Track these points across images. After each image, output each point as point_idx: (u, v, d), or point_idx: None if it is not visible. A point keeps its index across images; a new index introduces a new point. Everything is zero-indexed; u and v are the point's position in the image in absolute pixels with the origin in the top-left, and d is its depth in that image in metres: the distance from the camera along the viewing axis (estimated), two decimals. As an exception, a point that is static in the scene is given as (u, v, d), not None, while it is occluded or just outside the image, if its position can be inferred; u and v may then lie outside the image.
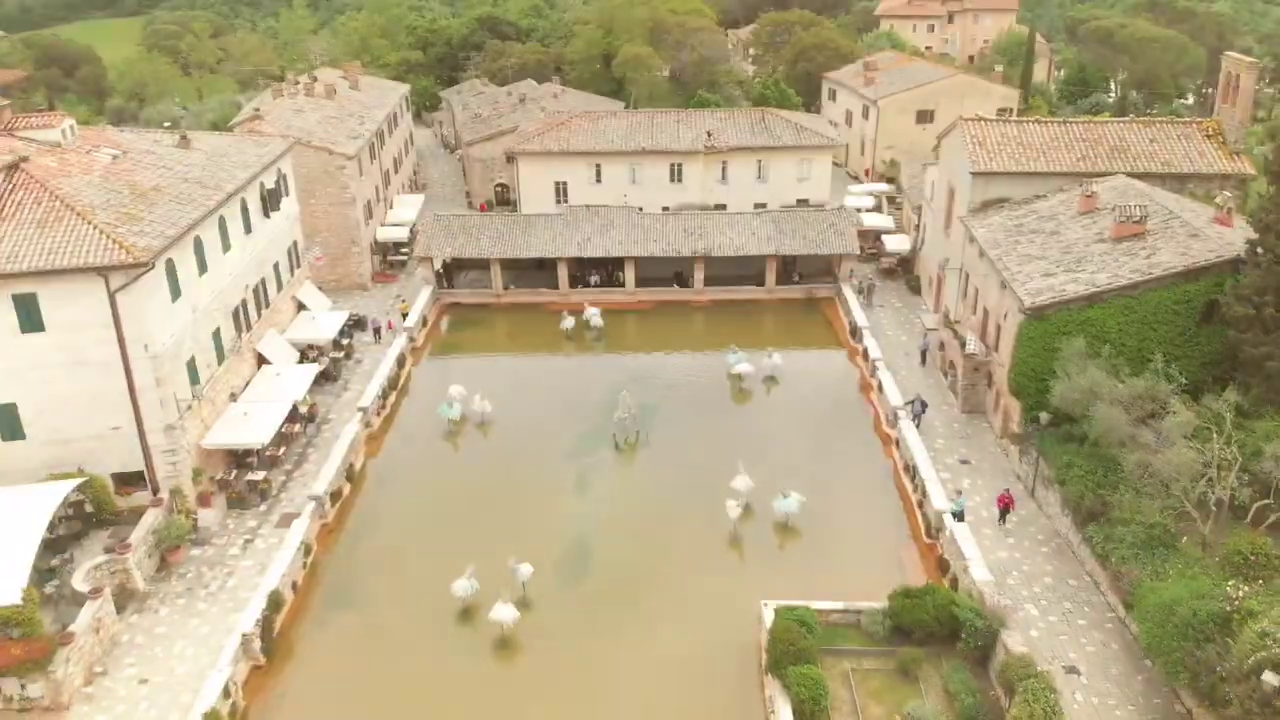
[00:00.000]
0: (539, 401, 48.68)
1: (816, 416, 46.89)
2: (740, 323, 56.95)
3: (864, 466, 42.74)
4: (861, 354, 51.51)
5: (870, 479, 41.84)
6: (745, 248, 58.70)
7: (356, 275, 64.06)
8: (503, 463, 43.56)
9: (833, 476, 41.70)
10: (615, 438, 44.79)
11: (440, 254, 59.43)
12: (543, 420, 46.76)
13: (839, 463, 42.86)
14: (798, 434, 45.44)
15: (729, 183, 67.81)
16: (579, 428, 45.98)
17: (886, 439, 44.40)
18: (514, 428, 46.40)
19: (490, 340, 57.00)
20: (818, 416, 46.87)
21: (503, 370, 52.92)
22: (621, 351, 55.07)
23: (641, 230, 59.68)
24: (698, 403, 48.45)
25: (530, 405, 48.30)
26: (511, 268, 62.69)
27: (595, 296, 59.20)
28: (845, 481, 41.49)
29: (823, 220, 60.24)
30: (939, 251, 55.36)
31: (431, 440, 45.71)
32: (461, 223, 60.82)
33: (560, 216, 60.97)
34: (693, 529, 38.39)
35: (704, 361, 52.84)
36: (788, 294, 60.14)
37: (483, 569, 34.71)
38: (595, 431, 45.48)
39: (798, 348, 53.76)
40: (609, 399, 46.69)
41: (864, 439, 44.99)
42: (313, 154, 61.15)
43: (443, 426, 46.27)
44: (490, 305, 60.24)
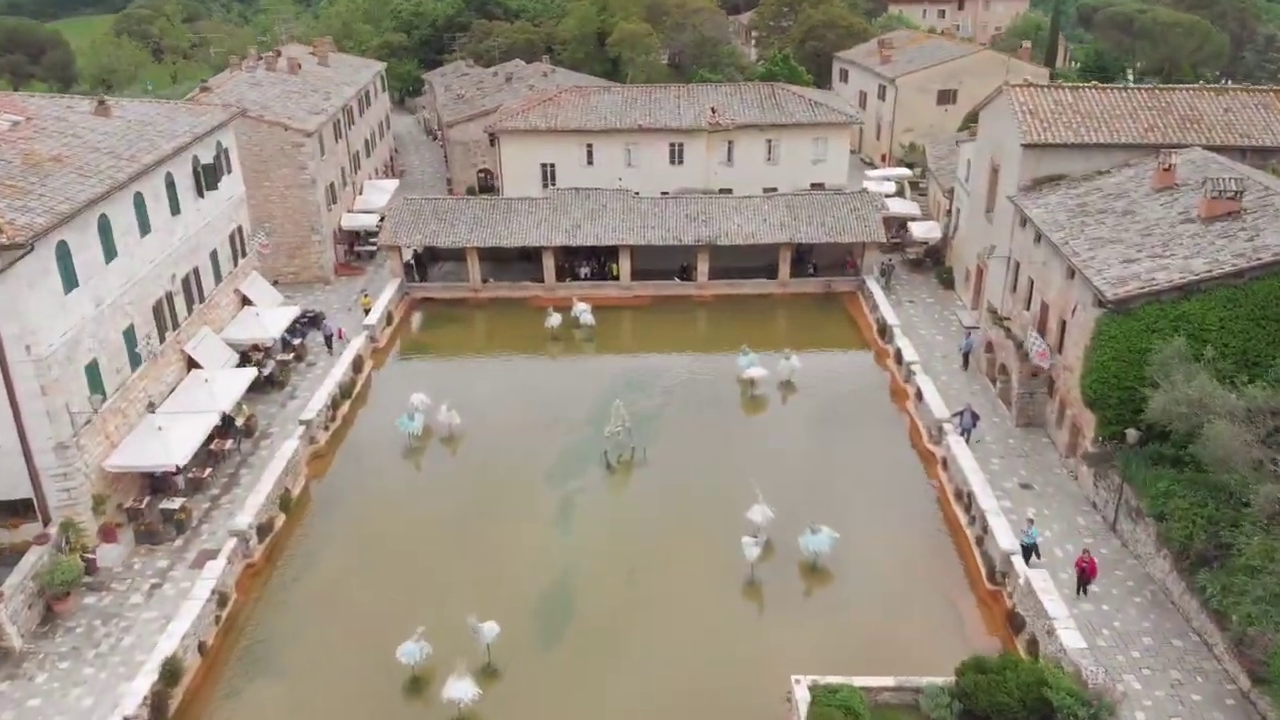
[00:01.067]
0: (518, 412, 41.56)
1: (844, 430, 39.78)
2: (750, 320, 49.88)
3: (905, 492, 35.63)
4: (893, 357, 44.43)
5: (914, 508, 34.73)
6: (756, 235, 51.64)
7: (317, 267, 56.94)
8: (471, 487, 36.41)
9: (869, 505, 34.61)
10: (606, 456, 37.69)
11: (409, 242, 52.33)
12: (521, 434, 39.64)
13: (875, 488, 35.75)
14: (823, 452, 38.33)
15: (735, 164, 60.70)
16: (564, 443, 38.86)
17: (929, 457, 37.30)
18: (487, 443, 39.25)
19: (465, 340, 49.84)
20: (845, 430, 39.77)
21: (478, 375, 45.77)
22: (615, 353, 47.95)
23: (638, 216, 52.61)
24: (703, 413, 41.36)
25: (508, 416, 41.17)
26: (491, 259, 55.56)
27: (585, 291, 52.12)
28: (884, 511, 34.38)
29: (843, 205, 53.18)
30: (979, 239, 48.32)
31: (388, 459, 38.54)
32: (434, 207, 53.70)
33: (546, 200, 53.90)
34: (700, 572, 31.30)
35: (710, 365, 45.76)
36: (804, 288, 53.06)
37: (440, 625, 27.62)
38: (583, 448, 38.37)
39: (817, 348, 46.69)
40: (600, 409, 39.60)
41: (902, 458, 37.90)
42: (267, 130, 54.09)
43: (402, 442, 39.11)
44: (466, 300, 53.11)
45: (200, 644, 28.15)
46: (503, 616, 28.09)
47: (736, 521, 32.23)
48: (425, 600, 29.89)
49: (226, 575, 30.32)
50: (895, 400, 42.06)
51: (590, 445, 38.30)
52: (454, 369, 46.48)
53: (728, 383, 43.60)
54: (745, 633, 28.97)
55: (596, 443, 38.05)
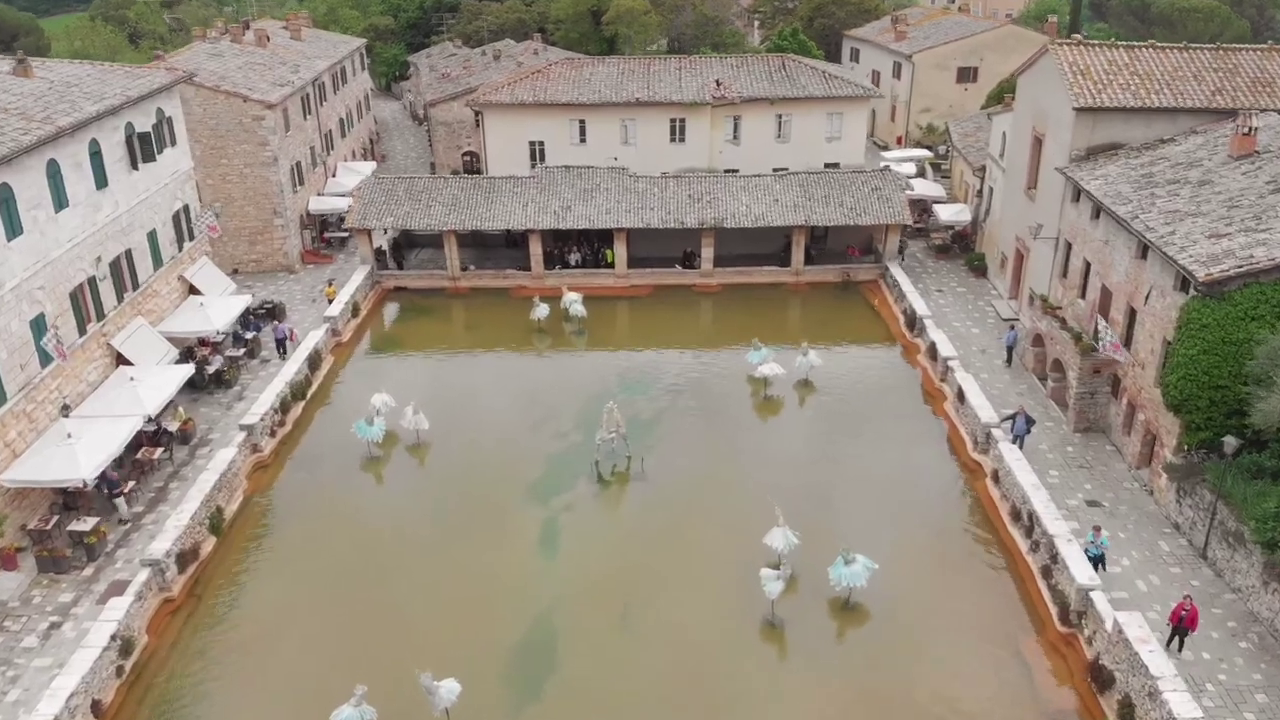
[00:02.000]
0: (498, 415, 36.20)
1: (873, 437, 34.42)
2: (760, 312, 44.54)
3: (949, 512, 30.28)
4: (926, 352, 39.07)
5: (961, 531, 29.38)
6: (766, 217, 46.27)
7: (281, 254, 51.51)
8: (438, 505, 31.05)
9: (908, 528, 29.27)
10: (598, 467, 32.34)
11: (379, 225, 46.95)
12: (501, 441, 34.28)
13: (914, 507, 30.37)
14: (851, 463, 32.98)
15: (743, 143, 55.31)
16: (549, 452, 33.51)
17: (975, 469, 31.96)
18: (460, 452, 33.88)
19: (441, 334, 44.40)
20: (875, 437, 34.41)
21: (454, 372, 40.38)
22: (609, 349, 42.58)
23: (635, 196, 47.25)
24: (710, 417, 36.02)
25: (485, 420, 35.81)
26: (474, 244, 50.28)
27: (576, 280, 46.78)
28: (927, 535, 29.02)
29: (863, 184, 47.82)
30: (1017, 220, 42.99)
31: (344, 471, 33.14)
32: (407, 187, 48.32)
33: (533, 180, 48.53)
34: (709, 612, 25.92)
35: (716, 362, 40.43)
36: (819, 276, 47.70)
37: (389, 681, 22.28)
38: (571, 458, 33.04)
39: (837, 343, 41.35)
40: (591, 412, 34.27)
41: (943, 470, 32.56)
42: (224, 101, 48.67)
43: (362, 451, 33.72)
44: (444, 290, 47.72)
45: (94, 703, 22.79)
46: (468, 669, 22.74)
47: (753, 549, 26.87)
48: (374, 648, 24.54)
49: (134, 615, 24.93)
50: (930, 402, 36.69)
51: (579, 454, 32.96)
52: (427, 366, 41.10)
53: (737, 382, 38.25)
54: (767, 690, 23.57)
55: (587, 451, 32.71)
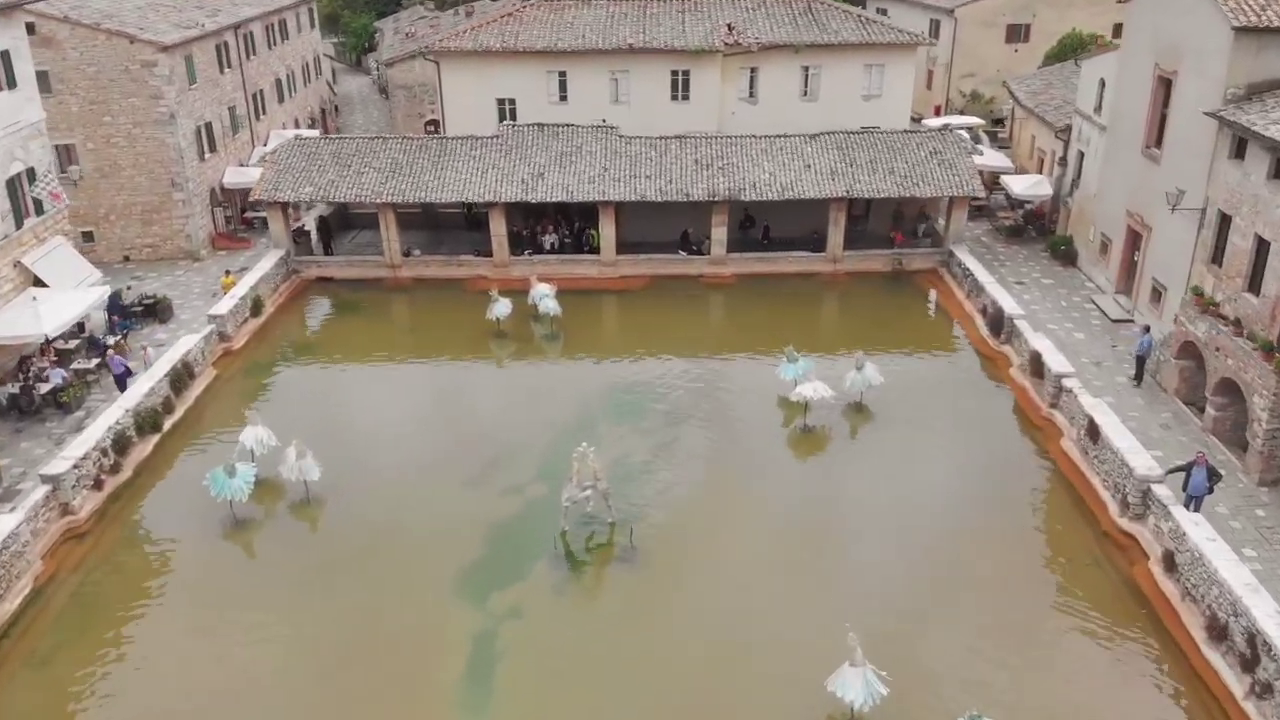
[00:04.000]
0: (428, 456, 25.73)
1: (962, 493, 23.97)
2: (788, 311, 34.23)
3: (1094, 621, 19.77)
4: (1026, 367, 28.57)
5: (1125, 658, 18.91)
6: (796, 188, 35.84)
7: (182, 237, 40.97)
8: (318, 604, 20.50)
9: (1050, 660, 18.80)
10: (564, 540, 21.86)
11: (294, 196, 36.44)
12: (427, 498, 23.80)
13: (1044, 612, 19.91)
14: (939, 538, 22.44)
15: (760, 101, 44.80)
16: (495, 517, 23.02)
17: (1124, 544, 21.51)
18: (366, 515, 23.31)
19: (370, 338, 33.73)
20: (964, 493, 23.96)
21: (378, 392, 29.81)
22: (590, 357, 32.06)
23: (627, 161, 36.79)
24: (728, 459, 25.59)
25: (409, 464, 25.32)
26: (425, 225, 39.97)
27: (552, 268, 36.39)
28: (1083, 673, 18.55)
29: (918, 146, 37.41)
30: (1132, 188, 32.57)
31: (192, 544, 22.59)
32: (335, 149, 37.79)
33: (496, 141, 38.02)
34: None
35: (734, 377, 30.05)
36: (863, 264, 37.25)
37: None
38: (526, 525, 22.58)
39: (893, 351, 30.95)
40: (562, 451, 23.81)
41: (1072, 545, 22.08)
42: (106, 43, 38.18)
43: (223, 514, 23.17)
44: (381, 281, 37.22)
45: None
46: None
47: (810, 698, 16.42)
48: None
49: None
50: (1036, 437, 26.22)
51: (540, 520, 22.50)
52: (344, 382, 30.56)
53: (764, 406, 27.83)
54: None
55: (551, 515, 22.24)
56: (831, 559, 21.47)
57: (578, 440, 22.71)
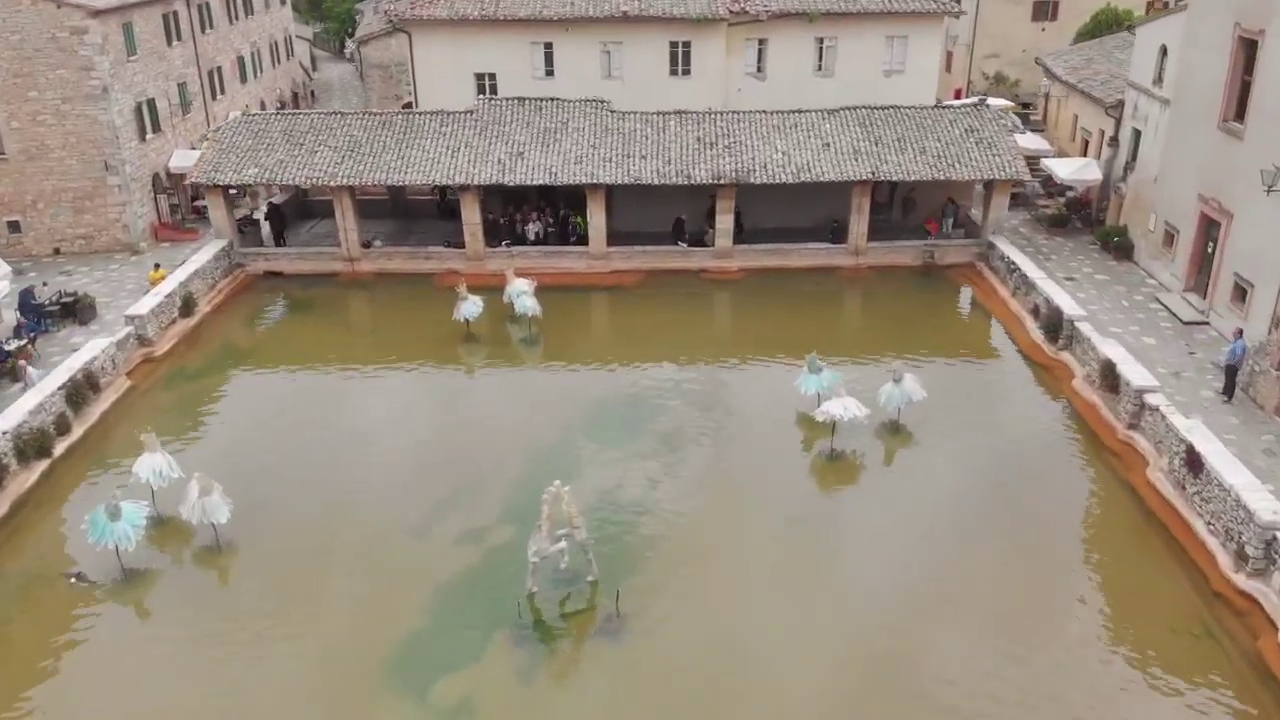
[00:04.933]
0: (369, 491, 21.06)
1: (1031, 538, 19.32)
2: (804, 310, 29.67)
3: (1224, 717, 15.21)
4: (1095, 379, 23.90)
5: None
6: (814, 169, 31.22)
7: (118, 227, 36.28)
8: (201, 699, 15.83)
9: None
10: (529, 606, 17.15)
11: (236, 178, 31.80)
12: (357, 548, 19.14)
13: (1152, 707, 15.33)
14: (1007, 602, 17.79)
15: (769, 76, 40.14)
16: (444, 574, 18.27)
17: (1245, 612, 16.88)
18: (280, 569, 18.64)
19: (319, 342, 28.89)
20: (1034, 538, 19.31)
21: (321, 408, 25.05)
22: (574, 364, 27.35)
23: (619, 139, 32.18)
24: (737, 495, 20.94)
25: (342, 502, 20.64)
26: (394, 213, 35.48)
27: (534, 262, 31.81)
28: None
29: (952, 123, 32.83)
30: (1204, 169, 27.92)
31: (55, 608, 17.93)
32: (286, 126, 33.16)
33: (471, 117, 33.37)
34: None
35: (743, 388, 25.40)
36: (888, 257, 32.65)
37: None
38: (484, 584, 17.91)
39: (928, 359, 26.34)
40: (534, 484, 19.14)
41: (1180, 606, 17.46)
42: (30, 8, 33.52)
43: (110, 565, 18.50)
44: (337, 276, 32.57)
45: None
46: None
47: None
48: None
49: None
50: (1109, 465, 21.59)
51: (502, 578, 17.86)
52: (282, 396, 25.85)
53: (781, 425, 23.21)
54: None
55: (516, 571, 17.59)
56: (873, 635, 16.88)
57: (555, 470, 18.16)
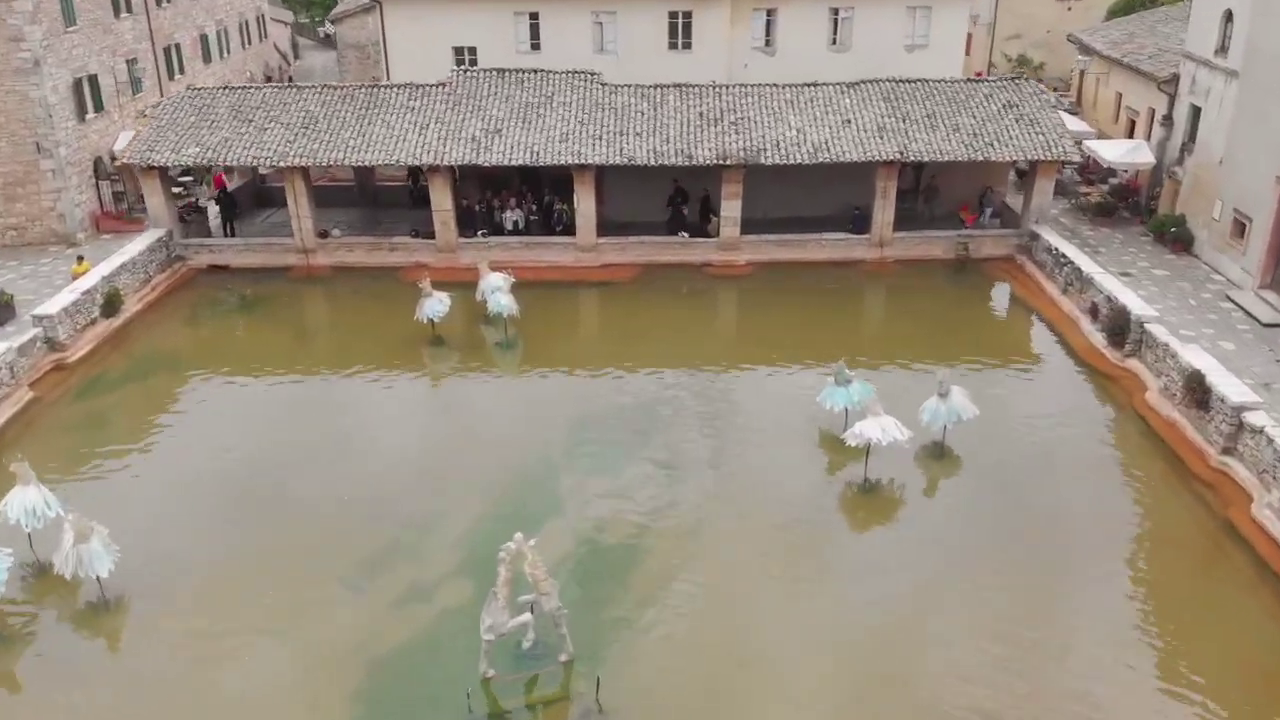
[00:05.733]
0: (293, 534, 17.17)
1: (1113, 590, 15.49)
2: (823, 311, 25.80)
3: None
4: (1176, 393, 20.01)
5: None
6: (832, 148, 27.32)
7: (53, 217, 32.33)
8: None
9: None
10: (484, 694, 13.22)
11: (175, 159, 27.88)
12: (272, 611, 15.28)
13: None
14: (1091, 684, 13.98)
15: (778, 51, 36.33)
16: (376, 648, 14.37)
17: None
18: (181, 643, 14.81)
19: (261, 346, 24.90)
20: (1115, 591, 15.48)
21: (251, 427, 21.15)
22: (554, 372, 23.35)
23: (611, 115, 28.28)
24: (750, 540, 17.00)
25: (264, 547, 16.76)
26: (361, 201, 31.65)
27: (513, 254, 27.93)
28: None
29: (987, 98, 28.97)
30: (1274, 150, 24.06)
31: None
32: (235, 101, 29.25)
33: (443, 90, 29.46)
34: None
35: (755, 402, 21.48)
36: (916, 249, 28.79)
37: None
38: (424, 664, 14.03)
39: (969, 366, 22.48)
40: (490, 535, 15.28)
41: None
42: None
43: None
44: (290, 270, 28.67)
45: None
46: None
47: None
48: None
49: None
50: (1203, 499, 17.71)
51: (451, 653, 13.97)
52: (210, 411, 21.89)
53: (801, 447, 19.36)
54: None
55: (469, 644, 13.69)
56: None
57: (527, 504, 14.35)
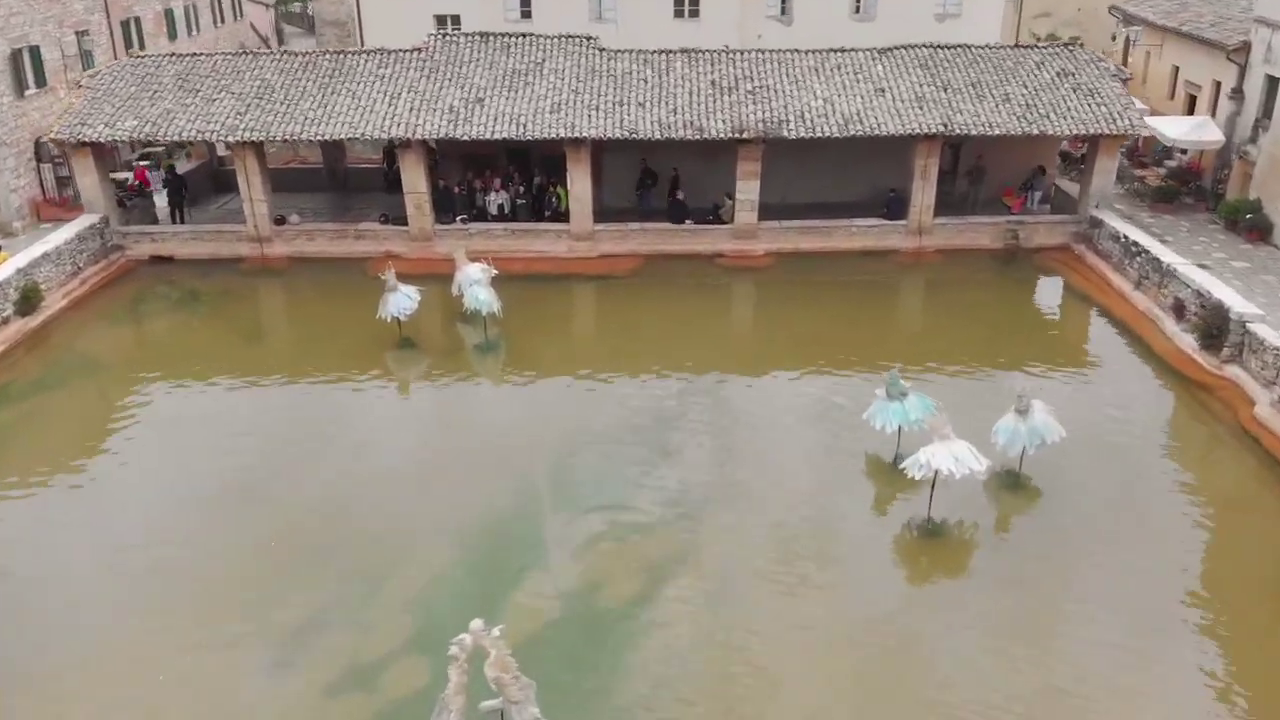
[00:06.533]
0: (206, 592, 13.64)
1: (1259, 675, 11.96)
2: (853, 308, 22.21)
3: None
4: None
5: None
6: (865, 120, 23.70)
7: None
8: None
9: None
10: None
11: (110, 133, 24.22)
12: (172, 701, 11.75)
13: None
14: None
15: (795, 20, 32.76)
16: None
17: None
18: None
19: (201, 349, 21.15)
20: (1262, 678, 11.95)
21: (175, 450, 17.55)
22: (541, 381, 19.70)
23: (610, 83, 24.67)
24: (783, 608, 13.42)
25: (167, 614, 13.22)
26: (325, 185, 28.02)
27: (497, 243, 24.38)
28: None
29: (1040, 66, 25.39)
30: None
31: None
32: (182, 69, 25.61)
33: (418, 56, 25.80)
34: None
35: (782, 419, 17.84)
36: (959, 238, 25.22)
37: None
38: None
39: (1035, 370, 18.91)
40: (450, 595, 11.70)
41: None
42: None
43: None
44: (242, 262, 25.06)
45: None
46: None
47: None
48: None
49: None
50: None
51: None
52: (137, 427, 18.29)
53: (843, 475, 15.77)
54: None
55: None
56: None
57: (499, 559, 10.77)
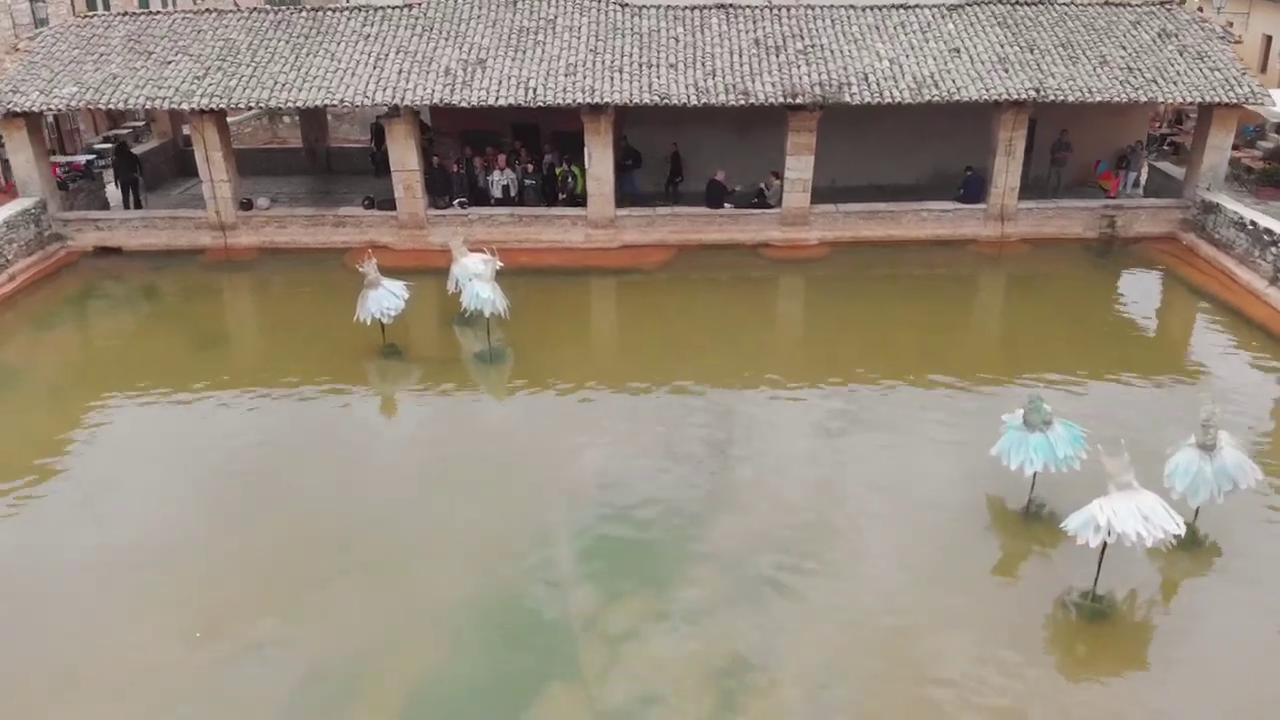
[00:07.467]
0: (109, 697, 10.01)
1: None
2: (928, 307, 18.51)
3: None
4: None
5: None
6: (940, 84, 19.97)
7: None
8: None
9: None
10: None
11: (46, 101, 20.49)
12: None
13: None
14: None
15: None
16: None
17: None
18: None
19: (146, 357, 17.60)
20: None
21: (111, 480, 13.93)
22: (554, 400, 15.99)
23: (634, 42, 20.96)
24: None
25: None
26: (304, 168, 24.46)
27: (502, 230, 20.73)
28: None
29: (1138, 25, 21.65)
30: None
31: None
32: (132, 30, 21.88)
33: (410, 14, 22.07)
34: None
35: (869, 451, 14.10)
36: (1048, 225, 21.51)
37: None
38: None
39: (1153, 381, 15.23)
40: (440, 711, 8.03)
41: None
42: None
43: None
44: (205, 254, 21.40)
45: None
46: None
47: None
48: None
49: None
50: None
51: None
52: (65, 457, 14.63)
53: (968, 539, 11.98)
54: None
55: None
56: None
57: (505, 665, 7.17)
